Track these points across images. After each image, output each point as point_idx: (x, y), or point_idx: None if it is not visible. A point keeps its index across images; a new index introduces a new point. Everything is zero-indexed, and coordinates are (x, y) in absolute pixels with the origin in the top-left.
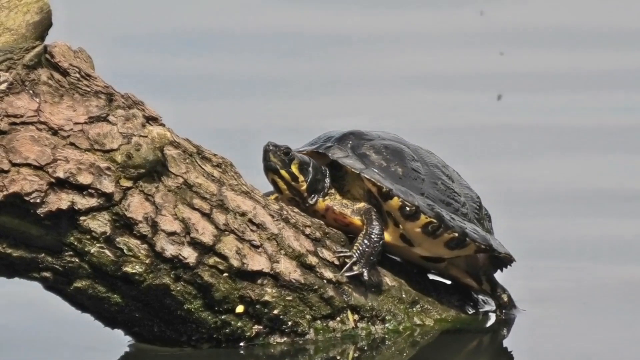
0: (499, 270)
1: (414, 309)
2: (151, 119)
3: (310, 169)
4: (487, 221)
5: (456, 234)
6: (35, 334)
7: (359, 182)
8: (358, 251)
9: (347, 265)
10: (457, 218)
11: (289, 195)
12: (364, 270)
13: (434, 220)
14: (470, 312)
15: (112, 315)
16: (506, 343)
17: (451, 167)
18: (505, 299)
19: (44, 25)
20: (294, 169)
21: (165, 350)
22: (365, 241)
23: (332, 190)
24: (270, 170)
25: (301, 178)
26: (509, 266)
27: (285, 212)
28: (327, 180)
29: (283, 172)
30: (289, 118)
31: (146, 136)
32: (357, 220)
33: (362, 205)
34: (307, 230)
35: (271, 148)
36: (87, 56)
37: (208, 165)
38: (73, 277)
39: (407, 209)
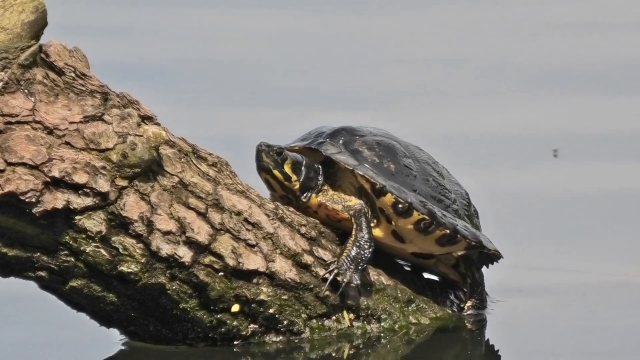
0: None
1: (410, 307)
2: (146, 118)
3: (303, 168)
4: (475, 217)
5: (448, 231)
6: (28, 332)
7: (351, 178)
8: (347, 258)
9: (341, 281)
10: (449, 215)
11: (282, 193)
12: (353, 276)
13: (427, 217)
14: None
15: (107, 314)
16: (503, 341)
17: (440, 164)
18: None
19: (39, 25)
20: (287, 168)
21: (160, 349)
22: (355, 248)
23: (325, 187)
24: (263, 170)
25: (294, 178)
26: (496, 262)
27: (280, 211)
28: (320, 177)
29: (276, 172)
30: None
31: (141, 135)
32: (348, 215)
33: (353, 203)
34: (303, 230)
35: (264, 148)
36: (82, 55)
37: (203, 165)
38: (68, 277)
39: (400, 205)
